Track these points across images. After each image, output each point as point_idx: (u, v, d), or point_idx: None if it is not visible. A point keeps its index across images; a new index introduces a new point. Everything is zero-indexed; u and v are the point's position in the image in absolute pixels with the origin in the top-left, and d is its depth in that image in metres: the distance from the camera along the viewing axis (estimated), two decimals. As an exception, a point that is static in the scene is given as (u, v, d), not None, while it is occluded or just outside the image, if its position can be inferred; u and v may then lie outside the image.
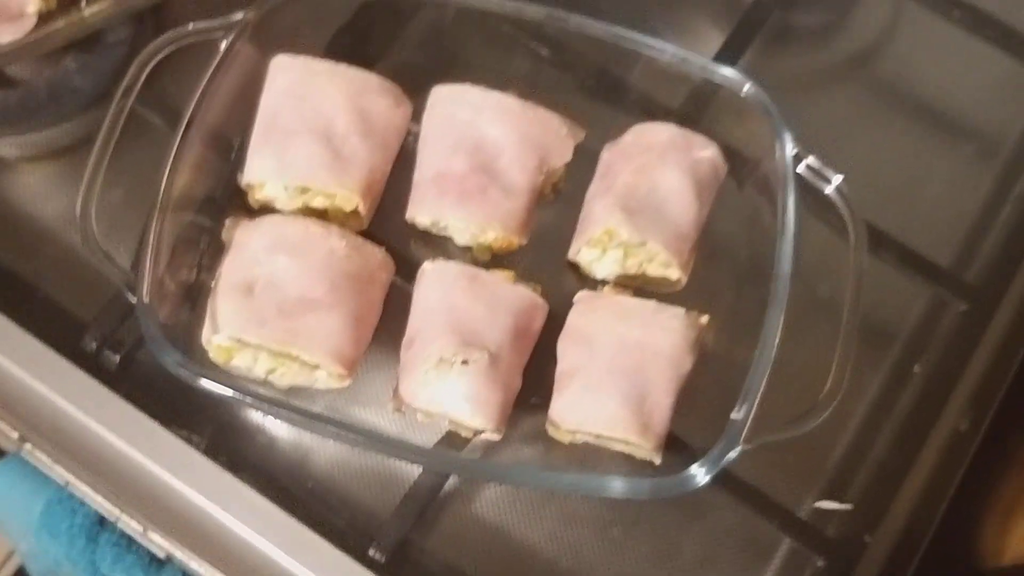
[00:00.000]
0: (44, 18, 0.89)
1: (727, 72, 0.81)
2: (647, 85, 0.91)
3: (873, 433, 0.84)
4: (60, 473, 1.00)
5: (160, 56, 0.79)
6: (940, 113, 0.98)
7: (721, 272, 0.84)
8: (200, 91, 0.77)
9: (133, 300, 0.74)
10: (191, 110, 0.77)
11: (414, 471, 0.80)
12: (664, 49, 0.82)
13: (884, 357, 0.86)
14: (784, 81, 0.97)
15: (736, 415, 0.71)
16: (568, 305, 0.82)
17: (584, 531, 0.81)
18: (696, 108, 0.89)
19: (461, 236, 0.83)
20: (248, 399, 0.73)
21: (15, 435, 0.99)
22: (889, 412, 0.85)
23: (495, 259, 0.84)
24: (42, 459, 1.00)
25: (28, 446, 1.00)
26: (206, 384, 0.72)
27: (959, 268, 0.90)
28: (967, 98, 0.99)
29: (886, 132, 0.96)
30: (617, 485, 0.70)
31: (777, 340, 0.73)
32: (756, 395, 0.71)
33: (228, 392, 0.72)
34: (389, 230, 0.86)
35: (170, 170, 0.75)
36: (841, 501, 0.81)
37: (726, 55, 0.93)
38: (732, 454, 0.70)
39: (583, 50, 0.89)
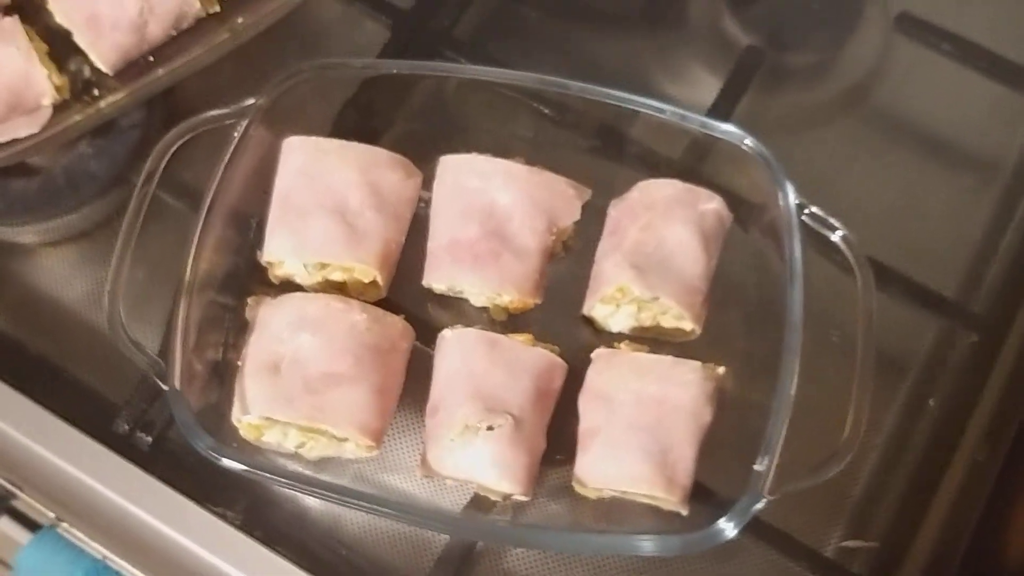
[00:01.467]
0: (59, 107, 0.92)
1: (727, 128, 0.83)
2: (647, 138, 0.93)
3: (892, 468, 0.85)
4: (97, 549, 1.02)
5: (179, 144, 0.81)
6: (936, 144, 1.00)
7: (733, 318, 0.86)
8: (219, 175, 0.80)
9: (165, 388, 0.76)
10: (212, 193, 0.79)
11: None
12: (663, 109, 0.84)
13: (898, 392, 0.88)
14: (780, 123, 1.00)
15: (759, 467, 0.72)
16: (585, 359, 0.84)
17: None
18: (697, 158, 0.91)
19: (477, 298, 0.85)
20: (282, 481, 0.74)
21: (51, 515, 1.01)
22: (907, 446, 0.86)
23: (512, 318, 0.86)
24: (78, 535, 1.02)
25: (64, 524, 1.02)
26: (240, 468, 0.74)
27: (966, 298, 0.92)
28: (962, 127, 1.01)
29: (883, 166, 0.98)
30: (647, 545, 0.71)
31: (794, 389, 0.74)
32: (777, 446, 0.73)
33: (263, 475, 0.74)
34: (406, 295, 0.88)
35: (194, 255, 0.77)
36: (865, 539, 0.83)
37: (723, 102, 0.95)
38: (758, 506, 0.72)
39: (584, 108, 0.91)
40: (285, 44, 0.98)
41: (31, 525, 1.13)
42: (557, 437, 0.81)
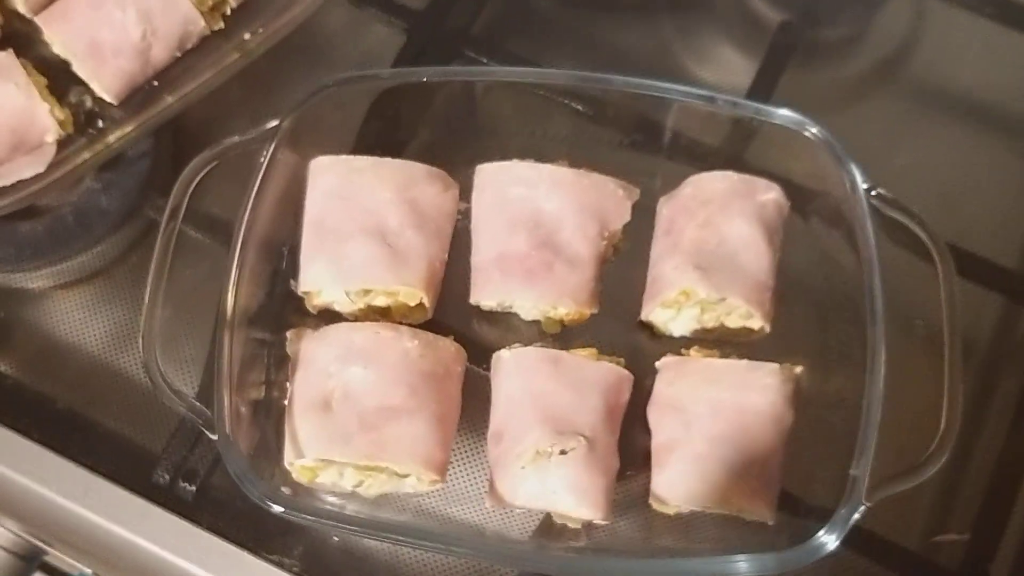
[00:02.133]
0: (62, 143, 0.86)
1: (785, 114, 0.79)
2: (686, 128, 0.88)
3: (974, 457, 0.81)
4: (138, 603, 0.97)
5: (202, 174, 0.76)
6: (982, 111, 0.96)
7: (799, 313, 0.81)
8: (249, 203, 0.74)
9: (213, 437, 0.71)
10: (244, 223, 0.74)
11: (515, 562, 0.77)
12: (713, 98, 0.79)
13: (972, 376, 0.84)
14: (820, 102, 0.95)
15: (855, 471, 0.68)
16: (645, 367, 0.79)
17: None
18: (742, 145, 0.87)
19: (528, 313, 0.81)
20: (349, 528, 0.70)
21: (89, 572, 0.96)
22: (987, 432, 0.82)
23: (565, 330, 0.81)
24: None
25: (102, 579, 0.97)
26: (304, 519, 0.69)
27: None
28: (1007, 90, 0.96)
29: (930, 138, 0.94)
30: (743, 566, 0.67)
31: (883, 385, 0.70)
32: (871, 447, 0.68)
33: (327, 524, 0.69)
34: (450, 314, 0.83)
35: (234, 295, 0.72)
36: (956, 532, 0.79)
37: (762, 83, 0.91)
38: (857, 513, 0.67)
39: (621, 102, 0.87)
40: (291, 58, 0.92)
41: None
42: (624, 450, 0.77)
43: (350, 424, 0.72)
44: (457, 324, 0.83)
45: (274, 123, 0.77)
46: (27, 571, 0.95)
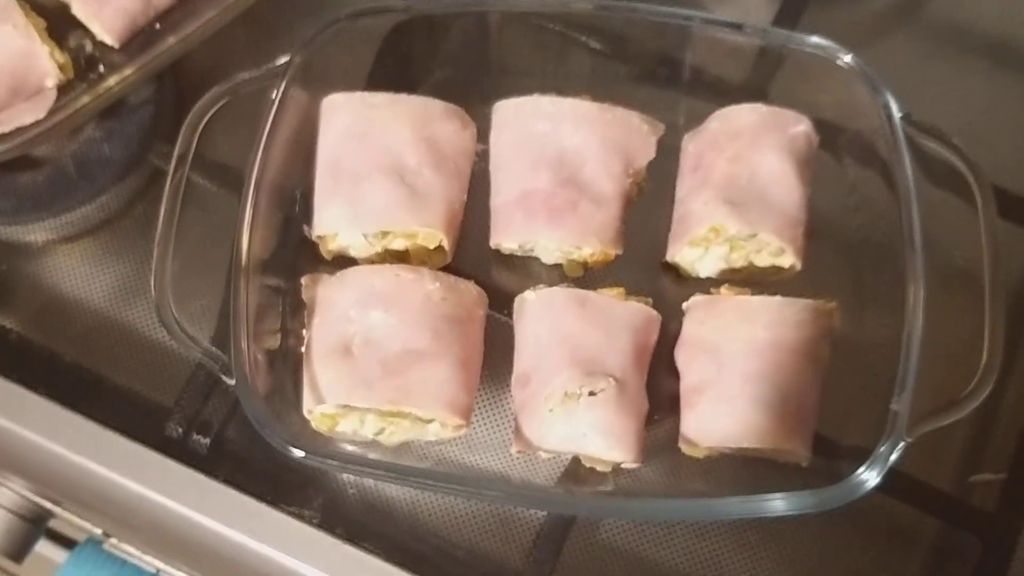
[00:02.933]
0: (63, 89, 0.83)
1: (817, 41, 0.76)
2: (706, 61, 0.85)
3: (1012, 397, 0.79)
4: (150, 562, 0.95)
5: (209, 115, 0.73)
6: (1009, 46, 0.93)
7: (829, 250, 0.79)
8: (261, 144, 0.71)
9: (230, 382, 0.68)
10: (256, 167, 0.71)
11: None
12: (742, 25, 0.76)
13: (1013, 318, 0.81)
14: (841, 37, 0.92)
15: (896, 406, 0.66)
16: (670, 310, 0.77)
17: (720, 542, 0.76)
18: (765, 78, 0.84)
19: (550, 255, 0.78)
20: (374, 472, 0.68)
21: (98, 531, 0.94)
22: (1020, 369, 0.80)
23: (587, 273, 0.79)
24: (129, 550, 0.95)
25: (113, 540, 0.95)
26: (329, 464, 0.67)
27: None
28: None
29: (956, 74, 0.91)
30: (779, 504, 0.65)
31: (922, 319, 0.68)
32: (911, 380, 0.66)
33: (352, 468, 0.67)
34: (468, 258, 0.80)
35: (248, 236, 0.70)
36: (993, 471, 0.77)
37: (786, 16, 0.88)
38: (898, 450, 0.65)
39: (639, 36, 0.84)
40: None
41: (66, 543, 1.07)
42: (649, 395, 0.74)
43: (372, 369, 0.69)
44: (475, 270, 0.80)
45: (284, 59, 0.74)
46: (34, 534, 0.93)
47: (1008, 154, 0.87)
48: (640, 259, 0.80)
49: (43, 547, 1.02)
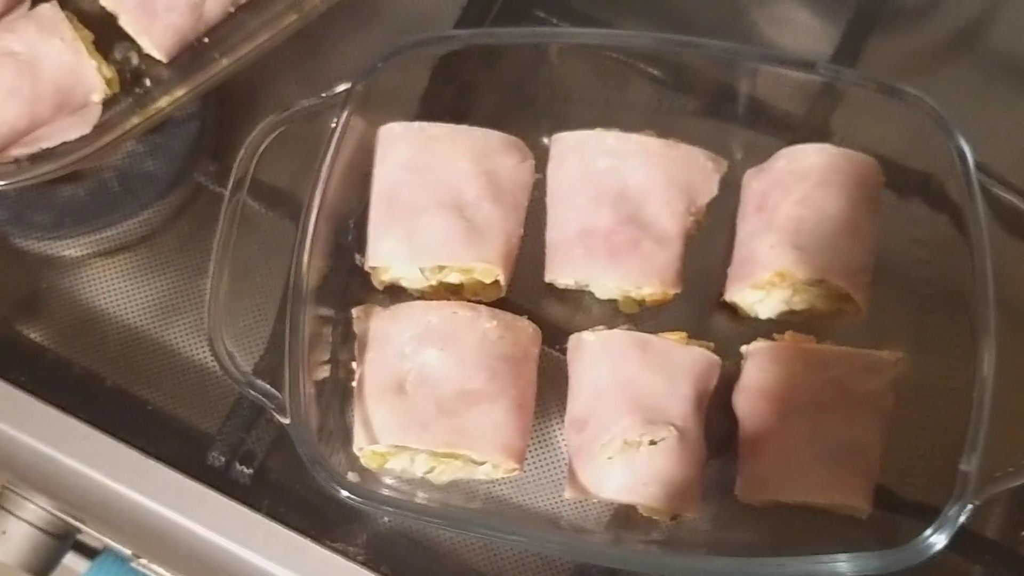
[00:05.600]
0: (107, 103, 0.81)
1: (893, 86, 0.74)
2: (766, 94, 0.83)
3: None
4: (174, 581, 0.93)
5: (268, 141, 0.71)
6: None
7: (892, 296, 0.77)
8: (323, 172, 0.69)
9: (284, 421, 0.66)
10: (318, 193, 0.69)
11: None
12: (815, 65, 0.74)
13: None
14: (901, 69, 0.91)
15: (966, 466, 0.64)
16: (726, 350, 0.75)
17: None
18: (826, 111, 0.82)
19: (606, 292, 0.76)
20: (429, 519, 0.66)
21: (128, 551, 0.92)
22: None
23: (642, 311, 0.77)
24: (158, 570, 0.93)
25: (143, 560, 0.93)
26: (383, 510, 0.65)
27: None
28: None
29: (1017, 108, 0.89)
30: (844, 567, 0.63)
31: (993, 375, 0.66)
32: (981, 440, 0.64)
33: (409, 515, 0.65)
34: (521, 292, 0.78)
35: (307, 267, 0.67)
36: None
37: (846, 50, 0.86)
38: (966, 512, 0.64)
39: (700, 67, 0.82)
40: (342, 19, 0.87)
41: (88, 552, 1.05)
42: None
43: (428, 409, 0.68)
44: (526, 302, 0.78)
45: (343, 86, 0.72)
46: (61, 551, 0.92)
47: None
48: (695, 296, 0.78)
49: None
